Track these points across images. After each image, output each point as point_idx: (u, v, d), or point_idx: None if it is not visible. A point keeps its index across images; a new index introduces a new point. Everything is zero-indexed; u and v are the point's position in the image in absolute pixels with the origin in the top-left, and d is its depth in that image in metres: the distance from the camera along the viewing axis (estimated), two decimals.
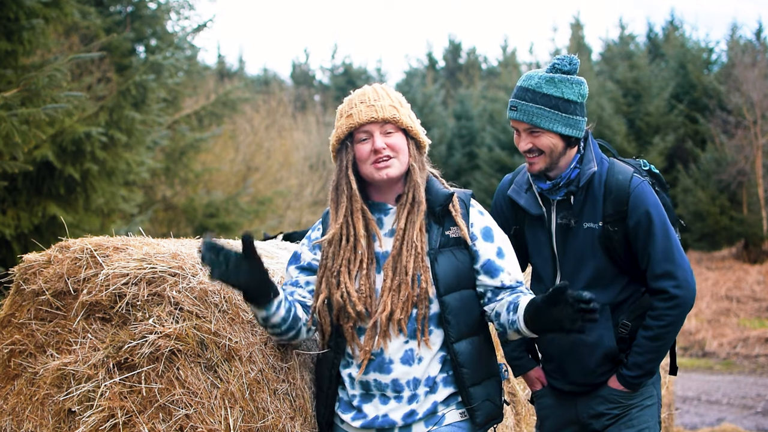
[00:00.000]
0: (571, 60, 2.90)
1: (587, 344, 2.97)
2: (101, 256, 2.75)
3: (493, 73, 35.47)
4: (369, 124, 2.61)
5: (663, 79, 22.89)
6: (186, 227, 11.94)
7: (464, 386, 2.59)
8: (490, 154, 22.13)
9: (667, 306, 2.89)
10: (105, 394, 2.64)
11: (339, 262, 2.62)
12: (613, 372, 3.00)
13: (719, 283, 16.59)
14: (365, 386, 2.62)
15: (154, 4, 10.91)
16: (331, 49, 49.99)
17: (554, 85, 2.87)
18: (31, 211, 6.69)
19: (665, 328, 2.90)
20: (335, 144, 2.68)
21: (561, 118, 2.86)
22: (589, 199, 2.95)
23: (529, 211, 3.03)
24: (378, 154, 2.60)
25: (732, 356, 12.78)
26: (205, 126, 12.50)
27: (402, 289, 2.56)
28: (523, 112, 2.88)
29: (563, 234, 2.99)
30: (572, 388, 3.06)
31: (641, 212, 2.89)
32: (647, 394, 3.03)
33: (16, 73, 6.12)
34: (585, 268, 2.97)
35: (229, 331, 2.62)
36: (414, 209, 2.62)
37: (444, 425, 2.59)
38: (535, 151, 2.92)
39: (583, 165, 2.94)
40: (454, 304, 2.60)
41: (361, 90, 2.70)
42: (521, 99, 2.90)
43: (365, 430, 2.62)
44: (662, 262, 2.89)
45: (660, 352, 2.94)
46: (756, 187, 19.27)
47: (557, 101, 2.86)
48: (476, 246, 2.66)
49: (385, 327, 2.56)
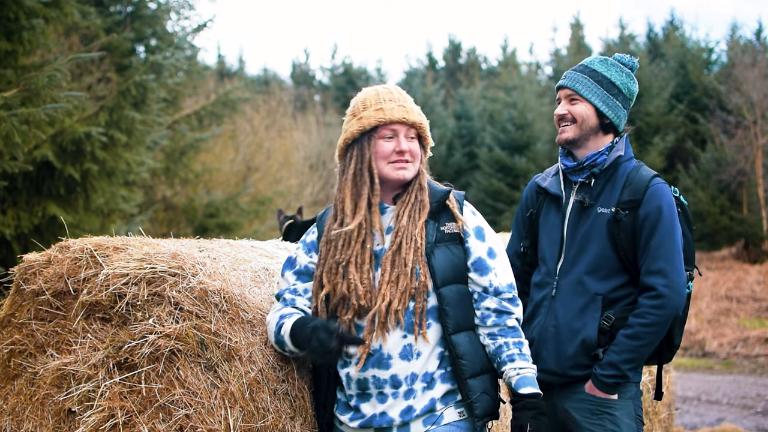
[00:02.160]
0: (632, 59, 3.13)
1: (570, 329, 2.98)
2: (101, 256, 2.75)
3: (493, 73, 35.47)
4: (398, 123, 2.65)
5: (663, 79, 22.88)
6: (186, 227, 11.94)
7: (463, 378, 2.60)
8: (490, 154, 22.12)
9: (652, 304, 2.88)
10: (105, 394, 2.64)
11: (348, 255, 2.62)
12: (587, 370, 2.97)
13: (719, 283, 16.59)
14: (362, 385, 2.62)
15: (154, 4, 10.91)
16: (331, 49, 50.00)
17: (605, 65, 3.07)
18: (31, 211, 6.70)
19: (646, 327, 2.88)
20: (356, 133, 2.66)
21: (601, 93, 3.03)
22: (609, 184, 3.02)
23: (549, 190, 3.13)
24: (401, 155, 2.65)
25: (732, 356, 12.78)
26: (205, 126, 12.50)
27: (400, 281, 2.58)
28: (568, 79, 3.08)
29: (576, 215, 3.04)
30: (545, 377, 3.00)
31: (654, 206, 2.93)
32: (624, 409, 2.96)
33: (16, 73, 6.12)
34: (587, 253, 3.00)
35: (229, 331, 2.62)
36: (416, 208, 2.66)
37: (442, 425, 2.59)
38: (569, 119, 3.05)
39: (611, 153, 3.05)
40: (451, 296, 2.63)
41: (383, 88, 2.73)
42: (573, 70, 3.10)
43: (363, 429, 2.62)
44: (659, 259, 2.90)
45: (637, 354, 2.90)
46: (756, 187, 19.27)
47: (602, 78, 3.04)
48: (468, 243, 2.71)
49: (383, 318, 2.57)
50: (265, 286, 2.89)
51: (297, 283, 2.72)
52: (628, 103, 3.07)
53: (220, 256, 2.89)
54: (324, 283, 2.64)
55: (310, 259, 2.72)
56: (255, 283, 2.86)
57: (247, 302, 2.72)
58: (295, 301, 2.69)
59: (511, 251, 3.25)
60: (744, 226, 19.16)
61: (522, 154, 21.60)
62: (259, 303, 2.77)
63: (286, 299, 2.71)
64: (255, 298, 2.78)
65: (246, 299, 2.72)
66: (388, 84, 2.75)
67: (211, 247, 2.99)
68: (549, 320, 3.04)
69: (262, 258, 3.07)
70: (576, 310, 2.99)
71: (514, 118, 22.20)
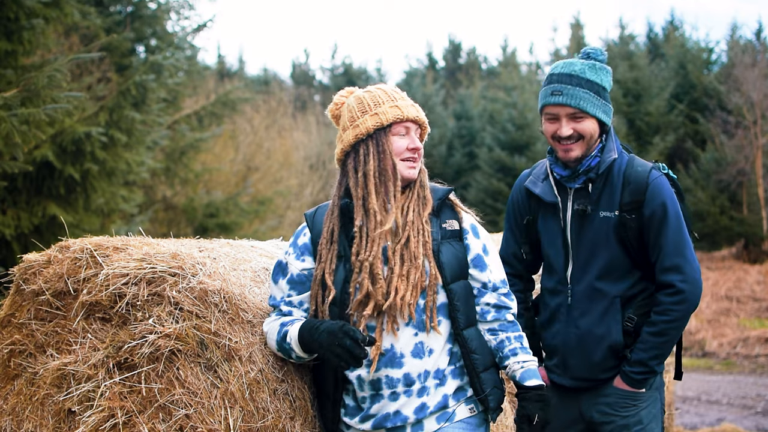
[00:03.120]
0: (602, 51, 3.02)
1: (594, 336, 2.98)
2: (101, 256, 2.75)
3: (493, 73, 35.47)
4: (412, 121, 2.69)
5: (663, 79, 22.89)
6: (186, 227, 11.94)
7: (476, 372, 2.63)
8: (490, 154, 22.11)
9: (673, 301, 2.89)
10: (105, 394, 2.64)
11: (375, 251, 2.59)
12: (616, 370, 2.99)
13: (719, 283, 16.59)
14: (376, 386, 2.61)
15: (154, 4, 10.91)
16: (331, 49, 50.00)
17: (595, 71, 2.95)
18: (31, 211, 6.69)
19: (670, 324, 2.90)
20: (371, 128, 2.66)
21: (602, 104, 2.95)
22: (607, 187, 2.98)
23: (544, 198, 3.06)
24: (413, 152, 2.68)
25: (732, 356, 12.78)
26: (205, 126, 12.50)
27: (411, 274, 2.58)
28: (569, 96, 2.90)
29: (579, 222, 3.02)
30: (574, 384, 3.06)
31: (658, 203, 2.91)
32: (651, 400, 3.02)
33: (16, 73, 6.11)
34: (598, 258, 2.99)
35: (229, 331, 2.62)
36: (420, 204, 2.68)
37: (455, 422, 2.60)
38: (575, 137, 2.94)
39: (604, 154, 2.98)
40: (461, 292, 2.66)
41: (392, 87, 2.76)
42: (566, 84, 2.92)
43: (376, 430, 2.61)
44: (672, 255, 2.90)
45: (663, 349, 2.93)
46: (756, 187, 19.28)
47: (598, 87, 2.94)
48: (467, 239, 2.73)
49: (395, 312, 2.57)
50: (265, 286, 2.89)
51: (292, 293, 2.69)
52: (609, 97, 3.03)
53: (220, 256, 2.88)
54: (329, 285, 2.62)
55: (303, 265, 2.70)
56: (255, 283, 2.86)
57: (247, 302, 2.72)
58: (293, 313, 2.68)
59: (507, 252, 3.22)
60: (744, 226, 19.17)
61: (522, 154, 21.59)
62: (259, 303, 2.77)
63: (283, 311, 2.68)
64: (255, 298, 2.78)
65: (246, 299, 2.72)
66: (388, 84, 2.77)
67: (211, 247, 2.99)
68: (570, 328, 3.03)
69: (262, 258, 3.07)
70: (597, 316, 2.99)
71: (514, 118, 22.19)
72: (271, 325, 2.65)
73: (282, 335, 2.60)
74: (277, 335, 2.61)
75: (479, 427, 2.64)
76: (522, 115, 22.00)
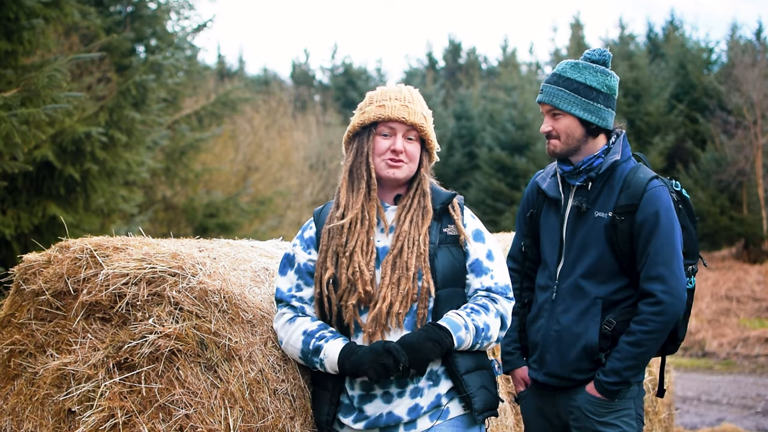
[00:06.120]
0: (601, 52, 3.03)
1: (571, 333, 2.98)
2: (101, 256, 2.75)
3: (493, 73, 35.47)
4: (397, 122, 2.67)
5: (663, 79, 22.88)
6: (186, 227, 11.94)
7: (458, 375, 2.61)
8: (490, 154, 22.11)
9: (652, 311, 2.87)
10: (105, 394, 2.64)
11: (354, 244, 2.62)
12: (591, 373, 2.98)
13: (719, 283, 16.59)
14: (367, 386, 2.61)
15: (154, 4, 10.90)
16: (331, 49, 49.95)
17: (578, 70, 2.99)
18: (31, 211, 6.69)
19: (647, 335, 2.87)
20: (357, 127, 2.70)
21: (580, 102, 2.96)
22: (606, 188, 3.00)
23: (548, 193, 3.11)
24: (395, 154, 2.67)
25: (732, 356, 12.78)
26: (205, 126, 12.49)
27: (402, 283, 2.58)
28: (546, 94, 3.02)
29: (575, 219, 3.03)
30: (548, 380, 3.05)
31: (651, 211, 2.91)
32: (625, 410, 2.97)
33: (16, 73, 6.11)
34: (586, 257, 2.99)
35: (229, 331, 2.62)
36: (419, 214, 2.67)
37: (448, 419, 2.60)
38: (554, 135, 3.01)
39: (608, 156, 3.01)
40: (446, 299, 2.65)
41: (396, 87, 2.76)
42: (548, 82, 3.03)
43: (368, 430, 2.61)
44: (658, 264, 2.89)
45: (639, 360, 2.90)
46: (756, 187, 19.28)
47: (578, 86, 2.97)
48: (468, 246, 2.72)
49: (383, 320, 2.57)
50: (265, 286, 2.89)
51: (300, 283, 2.70)
52: (610, 100, 3.01)
53: (220, 256, 2.89)
54: (328, 266, 2.63)
55: (309, 257, 2.72)
56: (255, 283, 2.86)
57: (247, 302, 2.72)
58: (305, 309, 2.68)
59: (515, 247, 3.28)
60: (744, 226, 19.16)
61: (522, 154, 21.59)
62: (259, 303, 2.77)
63: (295, 307, 2.69)
64: (255, 298, 2.78)
65: (246, 299, 2.72)
66: (410, 87, 2.77)
67: (211, 247, 2.99)
68: (551, 324, 3.04)
69: (262, 258, 3.07)
70: (576, 314, 2.99)
71: (514, 118, 22.20)
72: (290, 330, 2.64)
73: (313, 349, 2.59)
74: (304, 345, 2.61)
75: (472, 425, 2.63)
76: (522, 115, 22.01)
